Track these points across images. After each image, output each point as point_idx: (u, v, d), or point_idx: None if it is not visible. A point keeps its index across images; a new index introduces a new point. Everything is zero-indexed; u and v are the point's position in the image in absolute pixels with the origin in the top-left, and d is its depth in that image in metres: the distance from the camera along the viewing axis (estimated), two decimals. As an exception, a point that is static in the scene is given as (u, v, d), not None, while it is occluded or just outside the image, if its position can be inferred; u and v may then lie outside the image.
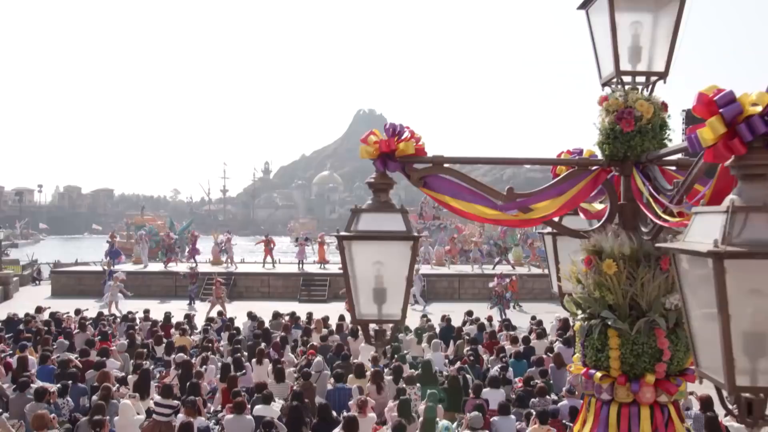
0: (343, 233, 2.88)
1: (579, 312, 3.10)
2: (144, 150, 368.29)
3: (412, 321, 17.05)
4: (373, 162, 3.07)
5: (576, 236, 3.21)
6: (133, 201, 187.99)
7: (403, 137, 3.02)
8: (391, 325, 2.95)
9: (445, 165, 3.10)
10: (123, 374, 11.99)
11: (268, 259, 32.40)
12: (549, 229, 3.70)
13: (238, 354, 12.26)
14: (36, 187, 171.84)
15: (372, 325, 2.97)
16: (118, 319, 17.60)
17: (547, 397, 10.16)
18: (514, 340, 14.49)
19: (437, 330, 16.25)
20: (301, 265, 31.25)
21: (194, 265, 29.48)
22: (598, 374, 3.00)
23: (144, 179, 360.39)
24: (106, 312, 20.78)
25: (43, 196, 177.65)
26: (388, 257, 2.86)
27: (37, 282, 34.66)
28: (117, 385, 10.77)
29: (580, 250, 3.09)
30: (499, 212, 3.03)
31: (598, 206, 3.39)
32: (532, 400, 9.99)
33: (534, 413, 8.80)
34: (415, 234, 2.88)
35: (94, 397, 10.05)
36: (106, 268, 27.79)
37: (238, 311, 20.41)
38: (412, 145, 3.03)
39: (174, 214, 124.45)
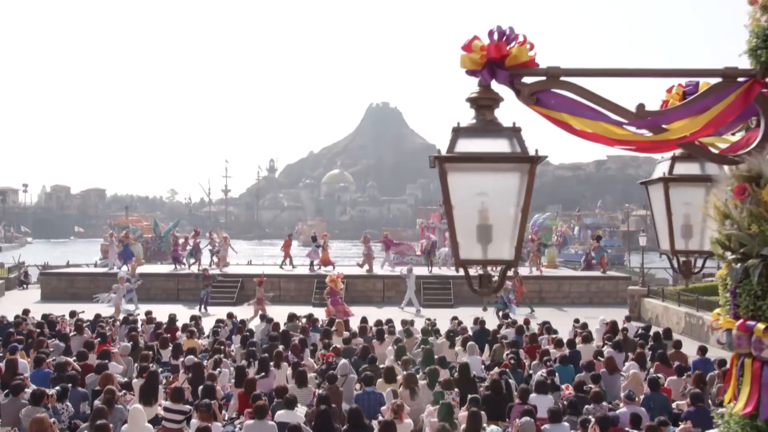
0: (443, 154, 2.64)
1: (728, 254, 2.78)
2: (139, 147, 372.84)
3: (417, 324, 17.47)
4: (478, 72, 2.78)
5: (722, 162, 2.91)
6: (127, 202, 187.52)
7: (514, 42, 2.73)
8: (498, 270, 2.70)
9: (562, 78, 2.80)
10: (126, 379, 11.89)
11: (287, 260, 32.39)
12: (659, 174, 3.42)
13: (259, 355, 12.23)
14: (21, 187, 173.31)
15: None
16: (118, 322, 17.51)
17: (603, 403, 9.97)
18: (558, 344, 14.43)
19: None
20: (313, 267, 31.03)
21: (206, 267, 29.64)
22: (761, 326, 2.66)
23: (138, 179, 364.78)
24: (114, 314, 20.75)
25: (29, 196, 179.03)
26: (496, 186, 2.62)
27: (25, 286, 34.75)
28: (123, 391, 10.64)
29: (728, 178, 2.77)
30: (629, 132, 2.73)
31: (731, 138, 3.09)
32: (587, 406, 9.83)
33: (591, 420, 8.57)
34: (533, 154, 2.62)
35: (96, 402, 9.91)
36: (126, 272, 27.74)
37: (247, 315, 20.32)
38: (526, 52, 2.73)
39: (171, 216, 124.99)
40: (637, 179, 4.07)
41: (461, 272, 2.72)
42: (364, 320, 17.09)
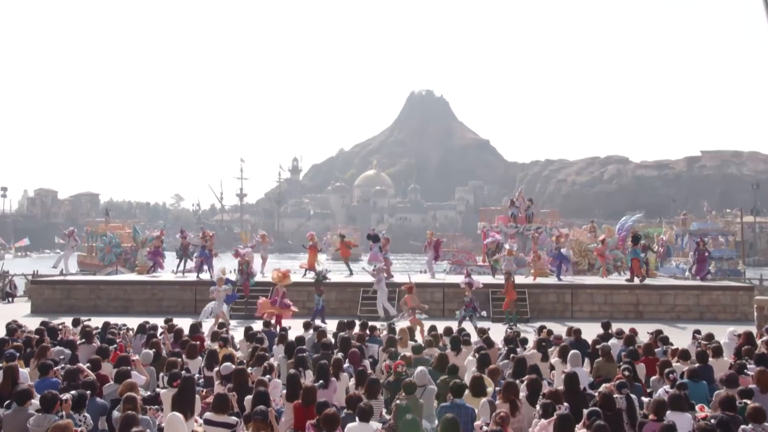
0: None
1: None
2: (139, 147, 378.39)
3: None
4: None
5: None
6: (124, 209, 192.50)
7: None
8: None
9: None
10: (150, 393, 11.67)
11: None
12: None
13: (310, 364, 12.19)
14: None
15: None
16: (131, 332, 17.48)
17: (766, 423, 9.57)
18: (683, 356, 14.30)
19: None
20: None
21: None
22: None
23: (139, 183, 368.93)
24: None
25: (8, 202, 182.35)
26: None
27: (10, 299, 35.07)
28: (148, 407, 10.44)
29: None
30: None
31: None
32: (743, 427, 9.60)
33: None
34: None
35: (116, 413, 9.85)
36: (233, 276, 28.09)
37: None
38: None
39: (175, 225, 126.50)
40: (741, 179, 3.51)
41: (540, 280, 2.24)
42: (433, 328, 17.39)
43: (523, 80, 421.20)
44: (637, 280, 29.89)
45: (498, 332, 18.28)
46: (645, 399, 11.72)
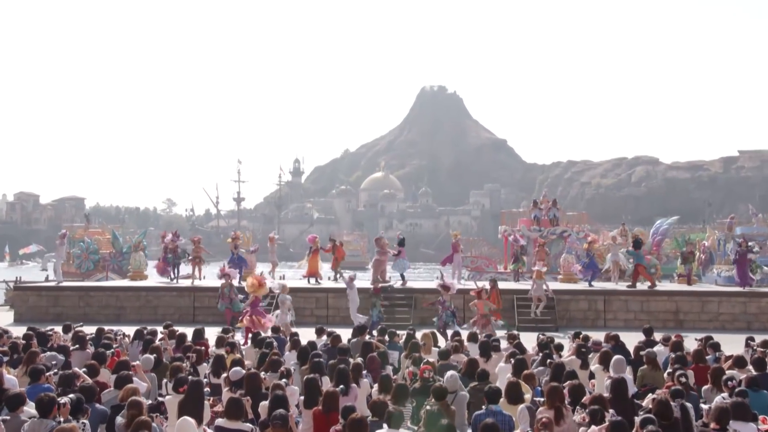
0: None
1: None
2: (128, 148, 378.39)
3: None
4: None
5: None
6: (111, 214, 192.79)
7: None
8: None
9: None
10: (152, 401, 11.60)
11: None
12: None
13: (342, 366, 12.29)
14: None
15: None
16: (127, 339, 17.57)
17: None
18: (738, 363, 14.26)
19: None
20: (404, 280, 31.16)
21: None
22: None
23: (127, 186, 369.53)
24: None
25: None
26: None
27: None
28: (153, 415, 10.49)
29: None
30: None
31: None
32: None
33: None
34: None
35: (119, 419, 9.78)
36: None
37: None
38: None
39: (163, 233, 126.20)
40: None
41: (569, 286, 2.08)
42: (456, 334, 17.82)
43: (543, 74, 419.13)
44: (639, 285, 30.17)
45: (526, 340, 18.19)
46: (704, 406, 11.59)
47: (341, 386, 11.25)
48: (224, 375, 12.51)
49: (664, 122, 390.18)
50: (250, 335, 21.05)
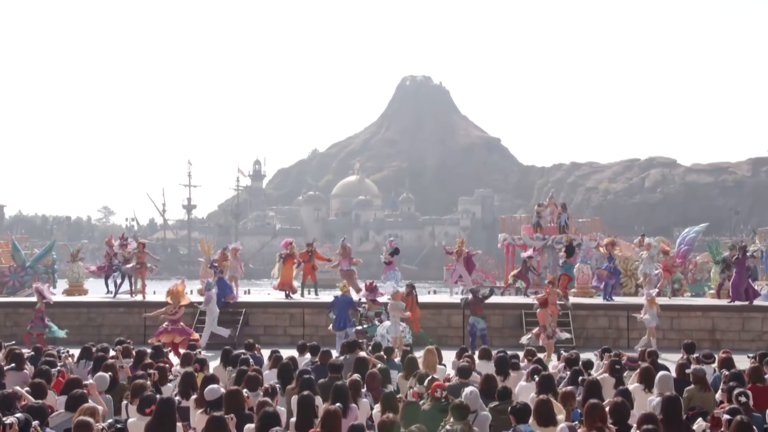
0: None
1: None
2: (57, 151, 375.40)
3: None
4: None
5: None
6: (35, 223, 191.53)
7: None
8: None
9: None
10: (107, 426, 11.26)
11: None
12: None
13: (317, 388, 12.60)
14: None
15: None
16: (71, 358, 17.53)
17: None
18: None
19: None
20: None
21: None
22: None
23: (57, 193, 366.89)
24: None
25: None
26: None
27: None
28: None
29: None
30: None
31: None
32: None
33: None
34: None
35: None
36: None
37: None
38: None
39: (103, 245, 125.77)
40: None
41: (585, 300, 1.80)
42: (463, 351, 17.93)
43: (542, 63, 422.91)
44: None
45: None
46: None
47: (339, 405, 11.12)
48: (194, 397, 12.42)
49: (682, 118, 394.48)
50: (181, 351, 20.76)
